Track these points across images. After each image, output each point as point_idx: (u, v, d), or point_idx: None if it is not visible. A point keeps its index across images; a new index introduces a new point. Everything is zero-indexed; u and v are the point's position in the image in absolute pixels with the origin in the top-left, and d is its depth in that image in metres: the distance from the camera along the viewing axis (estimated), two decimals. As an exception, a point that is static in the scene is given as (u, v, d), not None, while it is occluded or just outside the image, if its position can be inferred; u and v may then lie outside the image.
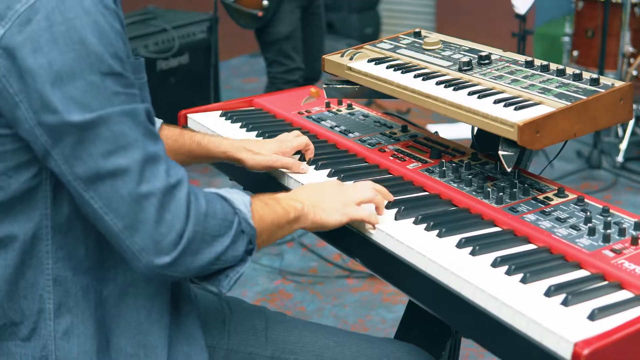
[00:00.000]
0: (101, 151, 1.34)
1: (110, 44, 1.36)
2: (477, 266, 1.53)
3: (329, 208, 1.66)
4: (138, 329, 1.53)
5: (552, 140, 1.68)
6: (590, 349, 1.27)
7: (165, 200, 1.37)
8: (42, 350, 1.48)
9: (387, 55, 2.13)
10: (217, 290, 1.49)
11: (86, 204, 1.37)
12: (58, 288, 1.47)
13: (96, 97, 1.33)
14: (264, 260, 3.89)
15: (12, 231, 1.45)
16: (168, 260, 1.38)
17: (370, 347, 1.72)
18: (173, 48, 4.69)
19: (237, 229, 1.47)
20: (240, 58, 7.56)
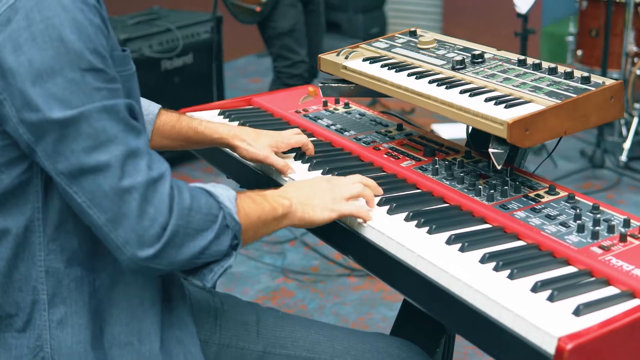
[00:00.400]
0: (82, 147, 1.36)
1: (90, 40, 1.37)
2: (465, 262, 1.55)
3: (317, 205, 1.68)
4: (131, 316, 1.55)
5: (542, 138, 1.70)
6: (574, 344, 1.28)
7: (148, 194, 1.39)
8: (36, 340, 1.50)
9: (382, 55, 2.15)
10: (202, 284, 1.51)
11: (70, 198, 1.40)
12: (51, 279, 1.49)
13: (76, 93, 1.35)
14: (266, 258, 3.91)
15: (6, 225, 1.47)
16: (151, 253, 1.40)
17: (361, 342, 1.74)
18: (177, 48, 4.71)
19: (222, 224, 1.49)
20: (247, 58, 7.58)
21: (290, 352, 1.71)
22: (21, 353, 1.51)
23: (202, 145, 2.07)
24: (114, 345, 1.54)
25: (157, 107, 2.02)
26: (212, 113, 2.44)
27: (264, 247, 3.99)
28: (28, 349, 1.51)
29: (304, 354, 1.71)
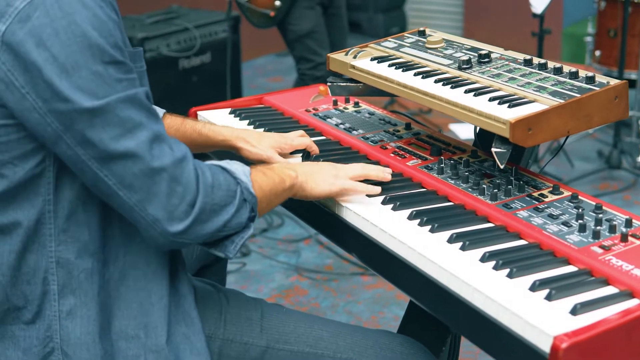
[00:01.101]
0: (110, 135, 1.42)
1: (110, 35, 1.43)
2: (465, 261, 1.56)
3: (320, 179, 1.77)
4: (139, 310, 1.58)
5: (545, 137, 1.70)
6: (569, 343, 1.29)
7: (176, 174, 1.47)
8: (46, 330, 1.53)
9: (390, 54, 2.16)
10: (224, 255, 1.59)
11: (100, 181, 1.45)
12: (61, 270, 1.53)
13: (101, 84, 1.41)
14: (281, 257, 3.92)
15: (17, 218, 1.50)
16: (181, 228, 1.47)
17: (364, 339, 1.75)
18: (195, 47, 4.73)
19: (240, 198, 1.57)
20: (266, 57, 7.60)
21: (294, 347, 1.72)
22: (30, 344, 1.53)
23: (207, 148, 2.11)
24: (120, 338, 1.57)
25: (161, 111, 2.05)
26: (223, 112, 2.46)
27: (279, 246, 4.01)
28: (38, 340, 1.53)
29: (307, 350, 1.72)
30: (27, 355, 1.54)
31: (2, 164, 1.47)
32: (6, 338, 1.55)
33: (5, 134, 1.45)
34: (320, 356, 1.72)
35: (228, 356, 1.70)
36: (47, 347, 1.54)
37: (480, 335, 1.47)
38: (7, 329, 1.55)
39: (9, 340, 1.55)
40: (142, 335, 1.58)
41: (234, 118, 2.39)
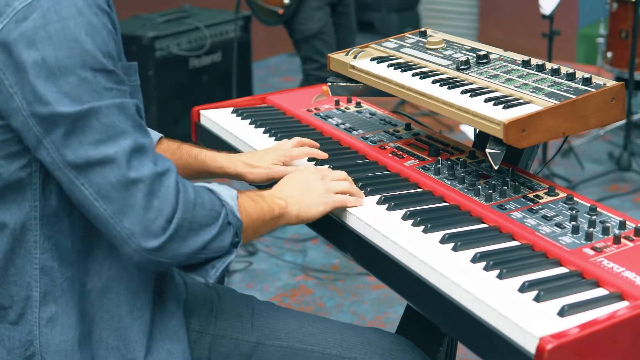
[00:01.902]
0: (90, 140, 1.40)
1: (103, 43, 1.42)
2: (456, 261, 1.56)
3: (311, 202, 1.73)
4: (119, 323, 1.58)
5: (540, 138, 1.70)
6: (554, 344, 1.28)
7: (154, 187, 1.43)
8: (27, 335, 1.54)
9: (390, 54, 2.16)
10: (205, 280, 1.55)
11: (77, 191, 1.43)
12: (44, 277, 1.53)
13: (88, 91, 1.40)
14: (287, 256, 3.93)
15: (4, 219, 1.51)
16: (156, 245, 1.43)
17: (354, 336, 1.76)
18: (205, 46, 4.75)
19: (224, 221, 1.53)
20: (279, 57, 7.61)
21: (284, 343, 1.73)
22: (13, 345, 1.55)
23: (203, 174, 2.04)
24: (101, 347, 1.58)
25: (158, 135, 2.02)
26: (225, 111, 2.47)
27: (285, 245, 4.02)
28: (19, 342, 1.55)
29: (296, 345, 1.73)
30: (11, 355, 1.55)
31: None
32: None
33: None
34: (310, 352, 1.73)
35: (218, 352, 1.71)
36: (27, 351, 1.55)
37: (469, 336, 1.47)
38: None
39: None
40: (122, 347, 1.59)
41: (235, 117, 2.40)
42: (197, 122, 2.47)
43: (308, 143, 2.03)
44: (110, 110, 1.41)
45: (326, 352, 1.74)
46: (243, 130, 2.28)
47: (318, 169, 1.82)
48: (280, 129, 2.23)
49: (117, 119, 1.42)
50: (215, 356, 1.72)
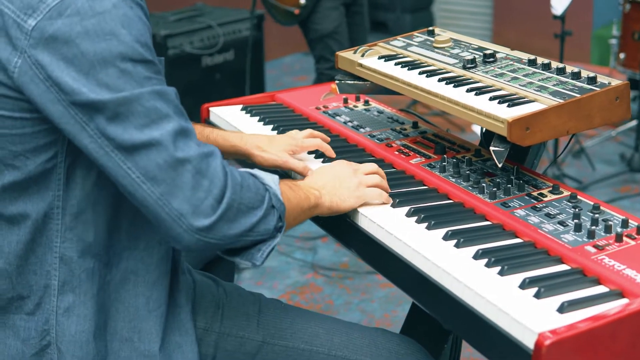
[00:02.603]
0: (135, 125, 1.41)
1: (140, 34, 1.44)
2: (459, 258, 1.57)
3: (343, 194, 1.76)
4: (135, 314, 1.60)
5: (544, 137, 1.71)
6: (552, 340, 1.29)
7: (201, 167, 1.44)
8: (44, 324, 1.56)
9: (397, 53, 2.17)
10: (251, 264, 1.56)
11: (123, 176, 1.44)
12: (64, 267, 1.54)
13: (128, 81, 1.41)
14: (297, 254, 3.95)
15: (26, 210, 1.52)
16: (207, 224, 1.44)
17: (360, 337, 1.76)
18: (217, 44, 4.77)
19: (269, 203, 1.55)
20: (293, 56, 7.63)
21: (289, 343, 1.74)
22: (29, 335, 1.56)
23: None
24: (115, 339, 1.59)
25: None
26: (235, 108, 2.48)
27: (296, 243, 4.04)
28: (36, 332, 1.56)
29: (302, 346, 1.74)
30: (26, 346, 1.56)
31: (15, 155, 1.49)
32: (7, 327, 1.58)
33: (21, 127, 1.47)
34: (315, 353, 1.73)
35: (224, 350, 1.72)
36: (43, 340, 1.56)
37: (470, 331, 1.48)
38: (9, 318, 1.58)
39: (10, 329, 1.58)
40: (136, 339, 1.60)
41: (244, 114, 2.42)
42: (207, 118, 2.48)
43: (320, 136, 2.06)
44: (152, 96, 1.43)
45: (331, 354, 1.74)
46: (252, 128, 2.29)
47: (350, 163, 1.85)
48: (289, 127, 2.24)
49: (159, 104, 1.43)
50: (221, 354, 1.73)
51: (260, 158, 2.00)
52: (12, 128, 1.47)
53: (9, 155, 1.49)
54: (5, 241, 1.54)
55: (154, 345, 1.60)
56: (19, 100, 1.45)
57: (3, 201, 1.52)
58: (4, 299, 1.57)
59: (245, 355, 1.74)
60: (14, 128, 1.47)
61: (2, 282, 1.56)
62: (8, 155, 1.49)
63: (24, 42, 1.40)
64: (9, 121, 1.46)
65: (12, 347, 1.57)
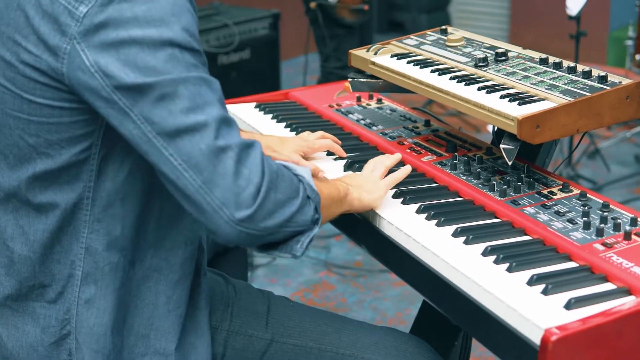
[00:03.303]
0: (181, 108, 1.40)
1: (189, 24, 1.44)
2: (467, 254, 1.58)
3: (369, 188, 1.77)
4: (153, 312, 1.60)
5: (553, 135, 1.72)
6: (559, 336, 1.30)
7: (242, 155, 1.43)
8: (65, 313, 1.57)
9: (410, 51, 2.18)
10: (291, 256, 1.55)
11: (165, 163, 1.42)
12: (89, 258, 1.55)
13: (176, 66, 1.40)
14: (311, 252, 3.96)
15: (55, 199, 1.52)
16: (249, 213, 1.42)
17: (368, 335, 1.77)
18: (233, 43, 4.79)
19: (304, 194, 1.53)
20: (310, 55, 7.62)
21: (297, 341, 1.75)
22: (49, 324, 1.57)
23: None
24: (131, 334, 1.60)
25: None
26: (248, 106, 2.50)
27: (309, 241, 4.05)
28: (56, 320, 1.57)
29: (310, 344, 1.75)
30: (45, 334, 1.58)
31: (50, 143, 1.49)
32: (27, 314, 1.59)
33: (59, 116, 1.47)
34: (323, 351, 1.74)
35: (233, 348, 1.73)
36: (63, 330, 1.57)
37: (477, 327, 1.49)
38: (29, 305, 1.59)
39: (29, 316, 1.59)
40: (152, 336, 1.61)
41: (258, 112, 2.43)
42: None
43: (331, 138, 2.06)
44: (198, 81, 1.42)
45: (340, 352, 1.75)
46: (265, 125, 2.31)
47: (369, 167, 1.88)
48: (302, 124, 2.26)
49: (204, 90, 1.42)
50: (230, 352, 1.74)
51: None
52: (49, 116, 1.47)
53: (44, 144, 1.49)
54: (31, 229, 1.55)
55: (171, 344, 1.61)
56: (60, 89, 1.45)
57: (33, 190, 1.53)
58: (25, 286, 1.58)
59: (253, 354, 1.75)
60: (52, 117, 1.47)
61: (25, 269, 1.57)
62: (43, 143, 1.49)
63: (74, 29, 1.40)
64: (47, 109, 1.47)
65: (31, 334, 1.58)
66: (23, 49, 1.45)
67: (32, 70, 1.45)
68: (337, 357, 1.75)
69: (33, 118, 1.48)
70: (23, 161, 1.52)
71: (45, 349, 1.58)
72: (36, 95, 1.46)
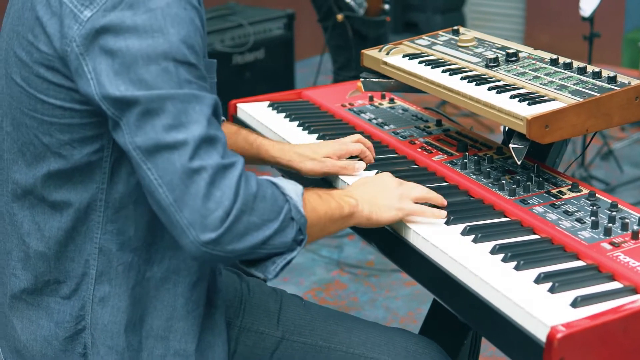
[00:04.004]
0: (163, 124, 1.40)
1: (189, 37, 1.44)
2: (476, 252, 1.59)
3: (384, 205, 1.69)
4: (172, 313, 1.61)
5: (562, 135, 1.73)
6: (564, 333, 1.32)
7: (216, 178, 1.41)
8: (80, 309, 1.59)
9: (422, 51, 2.20)
10: (264, 276, 1.52)
11: (144, 176, 1.43)
12: (102, 257, 1.57)
13: (167, 81, 1.41)
14: (324, 251, 3.98)
15: (69, 198, 1.55)
16: (213, 237, 1.40)
17: (378, 335, 1.79)
18: (248, 43, 4.82)
19: (287, 216, 1.49)
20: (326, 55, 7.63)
21: (308, 340, 1.77)
22: (63, 319, 1.60)
23: (258, 161, 2.04)
24: (150, 336, 1.61)
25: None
26: (262, 105, 2.52)
27: (322, 240, 4.07)
28: (71, 316, 1.60)
29: (320, 343, 1.77)
30: (59, 328, 1.60)
31: (62, 144, 1.52)
32: (41, 308, 1.62)
33: (70, 117, 1.50)
34: (333, 350, 1.76)
35: (244, 344, 1.75)
36: (78, 325, 1.60)
37: (485, 325, 1.51)
38: (44, 300, 1.62)
39: (44, 310, 1.61)
40: (172, 338, 1.62)
41: (271, 111, 2.45)
42: (234, 115, 2.52)
43: (366, 144, 2.02)
44: (187, 98, 1.41)
45: (349, 351, 1.77)
46: (278, 124, 2.33)
47: (392, 177, 1.78)
48: (314, 123, 2.28)
49: (191, 108, 1.42)
50: (241, 348, 1.76)
51: (303, 166, 1.94)
52: (61, 117, 1.50)
53: (56, 143, 1.52)
54: (47, 225, 1.58)
55: (191, 345, 1.62)
56: (71, 90, 1.48)
57: (48, 187, 1.55)
58: (40, 281, 1.61)
59: (264, 351, 1.77)
60: (63, 117, 1.50)
61: (40, 265, 1.60)
62: (55, 143, 1.52)
63: (76, 32, 1.43)
64: (59, 110, 1.50)
65: (45, 328, 1.61)
66: (35, 49, 1.48)
67: (45, 69, 1.48)
68: (347, 356, 1.77)
69: (46, 118, 1.51)
70: (38, 159, 1.55)
71: (60, 343, 1.60)
72: (49, 96, 1.49)
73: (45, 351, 1.61)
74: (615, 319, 1.36)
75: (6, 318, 1.66)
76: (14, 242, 1.62)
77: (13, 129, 1.57)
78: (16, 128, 1.56)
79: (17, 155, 1.57)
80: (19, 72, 1.52)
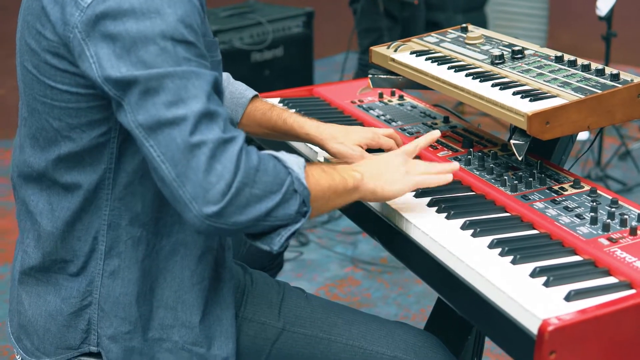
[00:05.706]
0: (163, 101, 1.44)
1: (186, 15, 1.48)
2: (474, 247, 1.61)
3: (389, 179, 1.71)
4: (180, 285, 1.67)
5: (563, 131, 1.74)
6: (556, 326, 1.33)
7: (217, 152, 1.44)
8: (88, 285, 1.65)
9: (430, 48, 2.22)
10: (269, 248, 1.55)
11: (147, 153, 1.46)
12: (111, 233, 1.63)
13: (166, 59, 1.45)
14: (338, 248, 4.01)
15: (79, 180, 1.61)
16: (215, 210, 1.43)
17: (378, 328, 1.81)
18: (267, 40, 4.85)
19: (289, 188, 1.52)
20: (345, 54, 7.65)
21: (308, 331, 1.79)
22: (70, 294, 1.66)
23: (289, 138, 2.10)
24: (161, 306, 1.68)
25: (252, 93, 2.10)
26: (273, 101, 2.54)
27: (337, 237, 4.10)
28: (78, 292, 1.66)
29: (320, 335, 1.79)
30: (65, 304, 1.66)
31: (72, 127, 1.58)
32: (49, 284, 1.68)
33: (76, 101, 1.55)
34: (333, 342, 1.78)
35: (246, 334, 1.78)
36: (84, 301, 1.66)
37: (480, 317, 1.52)
38: (52, 276, 1.68)
39: (52, 286, 1.68)
40: (179, 309, 1.68)
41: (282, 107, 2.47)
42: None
43: (397, 140, 2.03)
44: (186, 75, 1.45)
45: (349, 343, 1.79)
46: (287, 119, 2.35)
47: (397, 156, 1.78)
48: (323, 119, 2.29)
49: (191, 84, 1.45)
50: (242, 338, 1.79)
51: (332, 147, 1.98)
52: (68, 102, 1.55)
53: (66, 127, 1.58)
54: (58, 206, 1.64)
55: (195, 317, 1.68)
56: (76, 76, 1.53)
57: (59, 170, 1.61)
58: (47, 260, 1.67)
59: (265, 341, 1.80)
60: (70, 102, 1.55)
61: (48, 244, 1.66)
62: (65, 127, 1.58)
63: (77, 18, 1.48)
64: (66, 95, 1.55)
65: (51, 303, 1.67)
66: (43, 37, 1.53)
67: (52, 56, 1.53)
68: (347, 348, 1.79)
69: (55, 103, 1.57)
70: (50, 143, 1.61)
71: (65, 318, 1.66)
72: (57, 82, 1.55)
73: (49, 326, 1.67)
74: (607, 313, 1.37)
75: (17, 293, 1.73)
76: (30, 222, 1.69)
77: (29, 115, 1.63)
78: (31, 114, 1.62)
79: (33, 140, 1.64)
80: (30, 60, 1.58)
